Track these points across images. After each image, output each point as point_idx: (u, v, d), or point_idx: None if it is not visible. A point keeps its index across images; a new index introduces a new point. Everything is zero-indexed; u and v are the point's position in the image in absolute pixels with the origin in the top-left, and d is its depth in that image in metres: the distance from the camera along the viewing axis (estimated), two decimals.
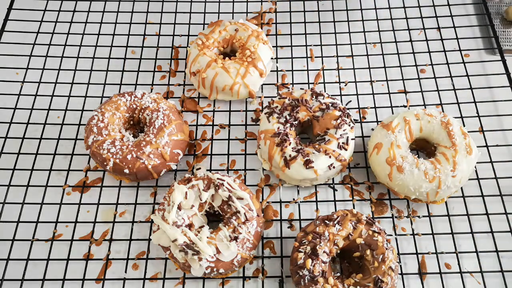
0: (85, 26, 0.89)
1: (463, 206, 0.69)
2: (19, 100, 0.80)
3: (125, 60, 0.85)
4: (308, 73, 0.83)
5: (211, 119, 0.79)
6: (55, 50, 0.86)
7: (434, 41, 0.86)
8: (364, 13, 0.90)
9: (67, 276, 0.64)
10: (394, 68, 0.83)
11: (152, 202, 0.71)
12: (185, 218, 0.61)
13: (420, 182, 0.64)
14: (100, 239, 0.67)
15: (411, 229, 0.68)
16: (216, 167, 0.74)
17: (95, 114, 0.70)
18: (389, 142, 0.67)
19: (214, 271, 0.59)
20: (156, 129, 0.68)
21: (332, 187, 0.72)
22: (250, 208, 0.62)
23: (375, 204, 0.70)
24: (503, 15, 0.90)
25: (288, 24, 0.89)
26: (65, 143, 0.76)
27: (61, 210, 0.69)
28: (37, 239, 0.67)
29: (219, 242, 0.59)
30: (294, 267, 0.58)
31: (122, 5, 0.92)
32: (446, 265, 0.65)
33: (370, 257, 0.58)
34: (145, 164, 0.66)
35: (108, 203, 0.70)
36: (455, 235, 0.67)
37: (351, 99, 0.80)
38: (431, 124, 0.68)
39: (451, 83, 0.81)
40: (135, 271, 0.65)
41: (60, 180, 0.72)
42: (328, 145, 0.67)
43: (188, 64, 0.79)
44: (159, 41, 0.87)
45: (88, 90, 0.81)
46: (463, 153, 0.65)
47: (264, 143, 0.69)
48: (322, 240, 0.58)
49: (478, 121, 0.76)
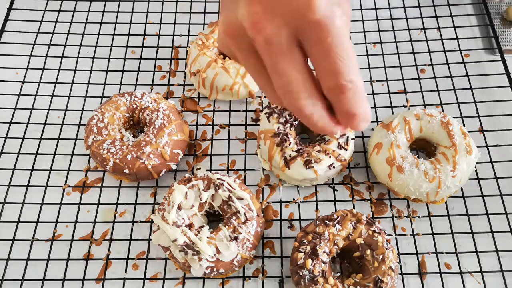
0: (85, 26, 0.89)
1: (463, 206, 0.69)
2: (19, 100, 0.80)
3: (125, 60, 0.85)
4: None
5: (211, 119, 0.79)
6: (55, 50, 0.86)
7: (434, 41, 0.86)
8: (364, 13, 0.90)
9: (67, 276, 0.64)
10: (394, 68, 0.83)
11: (152, 202, 0.71)
12: (185, 218, 0.61)
13: (420, 182, 0.64)
14: (100, 239, 0.67)
15: (411, 229, 0.68)
16: (216, 167, 0.74)
17: (95, 114, 0.70)
18: (389, 142, 0.67)
19: (214, 271, 0.59)
20: (156, 129, 0.68)
21: (332, 187, 0.72)
22: (250, 208, 0.62)
23: (375, 204, 0.70)
24: (503, 15, 0.90)
25: None
26: (65, 143, 0.75)
27: (61, 210, 0.69)
28: (37, 239, 0.67)
29: (219, 242, 0.59)
30: (294, 267, 0.58)
31: (122, 5, 0.92)
32: (446, 265, 0.65)
33: (370, 257, 0.58)
34: (145, 164, 0.66)
35: (108, 203, 0.70)
36: (455, 235, 0.67)
37: None
38: (431, 124, 0.68)
39: (451, 83, 0.81)
40: (135, 271, 0.65)
41: (60, 180, 0.72)
42: (328, 145, 0.67)
43: (188, 64, 0.79)
44: (159, 41, 0.87)
45: (88, 90, 0.81)
46: (463, 153, 0.65)
47: (264, 143, 0.69)
48: (322, 240, 0.58)
49: (478, 121, 0.76)
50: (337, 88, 0.35)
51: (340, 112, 0.37)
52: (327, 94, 0.36)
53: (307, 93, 0.36)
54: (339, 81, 0.34)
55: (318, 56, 0.34)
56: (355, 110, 0.36)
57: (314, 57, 0.35)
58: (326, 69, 0.35)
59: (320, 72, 0.35)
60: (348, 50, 0.34)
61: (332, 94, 0.36)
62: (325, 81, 0.35)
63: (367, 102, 0.37)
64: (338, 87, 0.35)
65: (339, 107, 0.37)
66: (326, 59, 0.34)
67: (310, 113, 0.37)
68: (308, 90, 0.36)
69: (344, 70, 0.34)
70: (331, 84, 0.35)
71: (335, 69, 0.34)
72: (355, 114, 0.36)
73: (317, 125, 0.38)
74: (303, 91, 0.36)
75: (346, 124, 0.38)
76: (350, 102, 0.36)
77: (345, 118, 0.37)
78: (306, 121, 0.38)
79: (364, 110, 0.37)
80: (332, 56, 0.34)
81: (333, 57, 0.34)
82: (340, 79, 0.34)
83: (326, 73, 0.35)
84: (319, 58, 0.34)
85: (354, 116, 0.37)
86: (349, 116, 0.37)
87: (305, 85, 0.36)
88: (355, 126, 0.38)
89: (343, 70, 0.34)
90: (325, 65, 0.34)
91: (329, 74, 0.35)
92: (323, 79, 0.35)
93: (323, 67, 0.35)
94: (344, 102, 0.36)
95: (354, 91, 0.35)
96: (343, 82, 0.34)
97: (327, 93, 0.36)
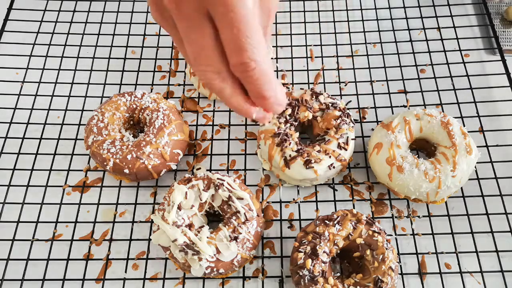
0: (85, 26, 0.89)
1: (463, 206, 0.69)
2: (19, 100, 0.80)
3: (125, 60, 0.85)
4: (308, 73, 0.83)
5: (211, 119, 0.79)
6: (55, 50, 0.86)
7: (434, 41, 0.86)
8: (364, 13, 0.90)
9: (67, 276, 0.64)
10: (394, 68, 0.83)
11: (152, 202, 0.71)
12: (185, 218, 0.61)
13: (420, 182, 0.64)
14: (100, 239, 0.67)
15: (411, 229, 0.68)
16: (216, 167, 0.74)
17: (95, 114, 0.70)
18: (389, 142, 0.67)
19: (214, 271, 0.59)
20: (156, 129, 0.68)
21: (332, 187, 0.72)
22: (250, 208, 0.62)
23: (375, 204, 0.70)
24: (503, 15, 0.90)
25: (288, 24, 0.89)
26: (65, 143, 0.76)
27: (61, 210, 0.69)
28: (37, 239, 0.67)
29: (219, 242, 0.59)
30: (294, 267, 0.58)
31: (122, 5, 0.92)
32: (446, 265, 0.65)
33: (370, 257, 0.58)
34: (145, 164, 0.66)
35: (108, 203, 0.70)
36: (455, 235, 0.67)
37: (351, 99, 0.80)
38: (431, 124, 0.68)
39: (451, 83, 0.81)
40: (135, 271, 0.65)
41: (60, 180, 0.72)
42: (328, 145, 0.67)
43: (188, 64, 0.79)
44: (159, 41, 0.87)
45: (88, 90, 0.81)
46: (463, 153, 0.65)
47: (264, 143, 0.69)
48: (322, 240, 0.58)
49: (478, 121, 0.76)
50: (241, 65, 0.36)
51: (250, 93, 0.39)
52: (234, 72, 0.37)
53: (216, 66, 0.37)
54: (242, 58, 0.35)
55: (223, 31, 0.35)
56: (263, 92, 0.38)
57: (221, 31, 0.36)
58: (230, 44, 0.35)
59: (226, 48, 0.36)
60: (255, 33, 0.35)
61: (237, 72, 0.37)
62: (230, 57, 0.36)
63: (280, 87, 0.38)
64: (241, 64, 0.36)
65: (248, 87, 0.38)
66: (231, 34, 0.35)
67: (220, 87, 0.38)
68: (216, 64, 0.37)
69: (248, 48, 0.35)
70: (235, 61, 0.36)
71: (239, 45, 0.35)
72: (264, 97, 0.38)
73: (231, 102, 0.39)
74: (211, 64, 0.37)
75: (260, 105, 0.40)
76: (257, 83, 0.37)
77: (256, 99, 0.39)
78: (220, 97, 0.39)
79: (275, 94, 0.38)
80: (235, 32, 0.34)
81: (236, 33, 0.35)
82: (244, 57, 0.35)
83: (231, 49, 0.36)
84: (225, 33, 0.35)
85: (264, 99, 0.38)
86: (259, 97, 0.38)
87: (214, 58, 0.37)
88: (269, 109, 0.40)
89: (247, 48, 0.35)
90: (230, 40, 0.35)
91: (234, 50, 0.36)
92: (229, 55, 0.36)
93: (229, 42, 0.36)
94: (251, 82, 0.37)
95: (259, 72, 0.36)
96: (246, 60, 0.35)
97: (233, 71, 0.37)
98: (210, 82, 0.38)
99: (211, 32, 0.36)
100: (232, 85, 0.38)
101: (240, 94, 0.39)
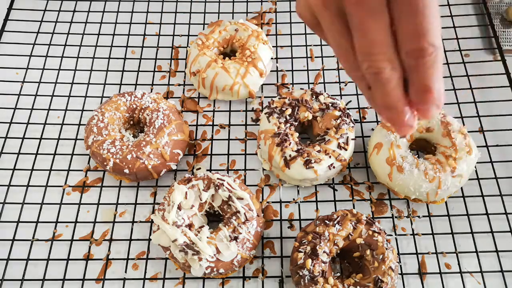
0: (85, 26, 0.89)
1: (463, 206, 0.69)
2: (19, 100, 0.80)
3: (125, 60, 0.85)
4: (308, 73, 0.83)
5: (211, 119, 0.79)
6: (55, 50, 0.86)
7: None
8: None
9: (67, 276, 0.64)
10: None
11: (152, 202, 0.71)
12: (185, 218, 0.61)
13: (420, 182, 0.64)
14: (100, 239, 0.67)
15: (411, 229, 0.68)
16: (216, 167, 0.74)
17: (95, 114, 0.70)
18: (389, 142, 0.67)
19: (214, 271, 0.59)
20: (156, 129, 0.68)
21: (332, 187, 0.72)
22: (250, 208, 0.62)
23: (375, 204, 0.70)
24: (503, 15, 0.90)
25: (288, 24, 0.89)
26: (65, 143, 0.75)
27: (61, 210, 0.69)
28: (37, 239, 0.67)
29: (219, 242, 0.59)
30: (294, 267, 0.58)
31: (122, 5, 0.92)
32: (446, 265, 0.65)
33: (370, 257, 0.58)
34: (145, 164, 0.66)
35: (108, 203, 0.70)
36: (455, 235, 0.67)
37: (351, 99, 0.80)
38: (431, 124, 0.68)
39: (451, 83, 0.81)
40: (135, 271, 0.65)
41: (60, 180, 0.72)
42: (328, 145, 0.67)
43: (188, 64, 0.79)
44: (159, 41, 0.87)
45: (88, 90, 0.81)
46: (463, 153, 0.65)
47: (264, 143, 0.69)
48: (322, 240, 0.58)
49: (478, 121, 0.76)
50: (418, 51, 0.34)
51: (416, 84, 0.37)
52: (406, 59, 0.36)
53: (388, 56, 0.36)
54: (422, 43, 0.34)
55: (406, 16, 0.34)
56: (431, 84, 0.36)
57: (401, 17, 0.35)
58: (410, 30, 0.34)
59: (403, 34, 0.35)
60: (436, 14, 0.34)
61: (411, 58, 0.35)
62: (407, 43, 0.35)
63: (443, 82, 0.36)
64: (419, 49, 0.34)
65: (415, 76, 0.36)
66: (413, 20, 0.34)
67: (388, 77, 0.36)
68: (389, 53, 0.36)
69: (429, 32, 0.34)
70: (413, 46, 0.34)
71: (421, 30, 0.34)
72: (430, 89, 0.36)
73: (392, 95, 0.37)
74: (385, 53, 0.36)
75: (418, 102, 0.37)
76: (427, 72, 0.35)
77: (418, 93, 0.37)
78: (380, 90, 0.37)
79: (439, 87, 0.36)
80: (420, 18, 0.33)
81: (420, 18, 0.33)
82: (423, 41, 0.34)
83: (409, 35, 0.34)
84: (406, 18, 0.34)
85: (428, 92, 0.36)
86: (424, 91, 0.36)
87: (388, 47, 0.36)
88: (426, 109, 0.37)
89: (429, 33, 0.34)
90: (411, 26, 0.34)
91: (413, 36, 0.34)
92: (405, 41, 0.35)
93: (408, 28, 0.34)
94: (423, 70, 0.35)
95: (434, 58, 0.35)
96: (425, 45, 0.34)
97: (406, 58, 0.36)
98: (380, 72, 0.36)
99: (388, 22, 0.35)
100: (399, 76, 0.37)
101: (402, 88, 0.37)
